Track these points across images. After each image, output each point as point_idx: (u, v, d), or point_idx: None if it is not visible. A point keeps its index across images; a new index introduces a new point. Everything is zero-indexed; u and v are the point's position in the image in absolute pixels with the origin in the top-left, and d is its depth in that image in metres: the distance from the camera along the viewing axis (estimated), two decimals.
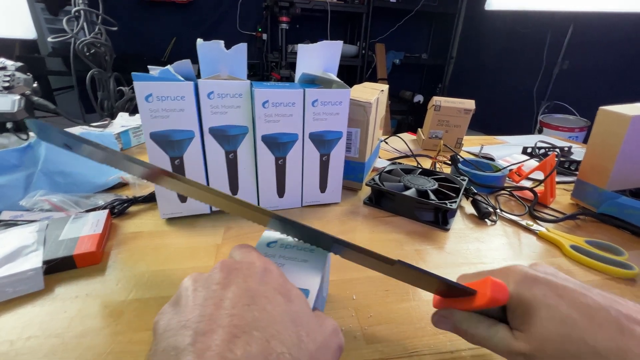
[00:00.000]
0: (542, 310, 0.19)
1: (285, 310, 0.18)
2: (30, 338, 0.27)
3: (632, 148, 0.47)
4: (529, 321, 0.20)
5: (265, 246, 0.27)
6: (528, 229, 0.47)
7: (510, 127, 2.10)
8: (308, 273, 0.25)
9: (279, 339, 0.16)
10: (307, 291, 0.23)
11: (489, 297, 0.20)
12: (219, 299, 0.17)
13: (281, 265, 0.25)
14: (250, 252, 0.23)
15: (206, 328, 0.15)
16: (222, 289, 0.18)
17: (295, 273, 0.24)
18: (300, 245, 0.27)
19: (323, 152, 0.47)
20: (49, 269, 0.33)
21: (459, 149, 0.81)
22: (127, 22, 2.09)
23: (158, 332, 0.17)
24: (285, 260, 0.26)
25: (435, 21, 2.84)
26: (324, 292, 0.28)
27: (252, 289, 0.18)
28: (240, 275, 0.19)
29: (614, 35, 1.67)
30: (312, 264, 0.25)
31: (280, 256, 0.26)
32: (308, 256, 0.26)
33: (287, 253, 0.26)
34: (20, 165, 0.47)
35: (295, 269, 0.25)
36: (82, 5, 0.87)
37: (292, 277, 0.23)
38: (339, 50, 0.46)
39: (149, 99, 0.37)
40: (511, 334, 0.20)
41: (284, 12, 2.02)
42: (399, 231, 0.45)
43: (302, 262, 0.25)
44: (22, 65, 0.67)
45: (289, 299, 0.19)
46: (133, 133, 0.72)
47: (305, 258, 0.26)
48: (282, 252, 0.27)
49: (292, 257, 0.26)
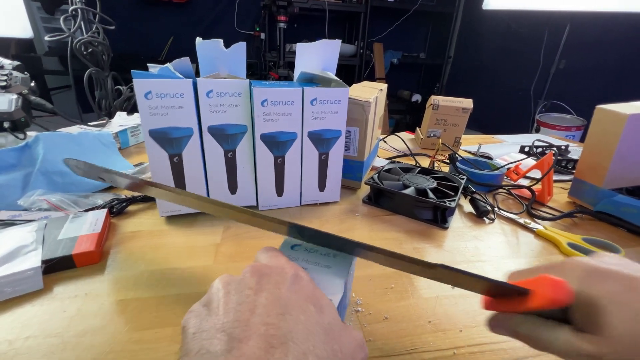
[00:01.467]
0: (614, 309, 0.17)
1: (318, 322, 0.17)
2: (29, 338, 0.27)
3: (628, 146, 0.48)
4: (599, 321, 0.17)
5: (289, 249, 0.26)
6: (526, 227, 0.48)
7: (507, 126, 2.10)
8: (331, 280, 0.24)
9: (314, 354, 0.15)
10: None
11: (549, 299, 0.18)
12: (252, 305, 0.17)
13: (305, 269, 0.24)
14: (278, 256, 0.22)
15: (242, 334, 0.15)
16: (255, 294, 0.18)
17: (318, 280, 0.23)
18: (324, 249, 0.26)
19: (322, 151, 0.47)
20: (47, 269, 0.33)
21: (457, 147, 0.81)
22: (124, 21, 2.07)
23: (189, 332, 0.16)
24: (308, 264, 0.25)
25: (433, 21, 2.85)
26: (346, 299, 0.27)
27: (284, 297, 0.18)
28: (272, 282, 0.19)
29: (610, 35, 1.68)
30: (336, 270, 0.24)
31: (304, 260, 0.25)
32: (331, 262, 0.25)
33: (311, 257, 0.25)
34: (17, 165, 0.47)
35: (318, 275, 0.24)
36: (79, 4, 0.87)
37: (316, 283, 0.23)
38: (337, 49, 0.46)
39: (148, 96, 0.37)
40: (577, 336, 0.18)
41: (282, 11, 2.02)
42: (398, 230, 0.45)
43: (325, 268, 0.25)
44: (20, 64, 0.67)
45: (320, 309, 0.18)
46: (131, 132, 0.72)
47: (328, 264, 0.25)
48: (306, 255, 0.26)
49: (315, 262, 0.25)
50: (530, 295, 0.19)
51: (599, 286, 0.18)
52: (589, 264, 0.20)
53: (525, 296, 0.20)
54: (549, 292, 0.18)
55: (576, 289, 0.19)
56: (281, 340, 0.15)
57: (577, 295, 0.19)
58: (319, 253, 0.26)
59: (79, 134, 0.56)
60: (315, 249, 0.26)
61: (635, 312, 0.17)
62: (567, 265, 0.20)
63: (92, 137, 0.58)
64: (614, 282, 0.18)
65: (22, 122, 0.62)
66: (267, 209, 0.49)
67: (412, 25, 2.74)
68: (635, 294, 0.17)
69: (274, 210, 0.49)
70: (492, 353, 0.27)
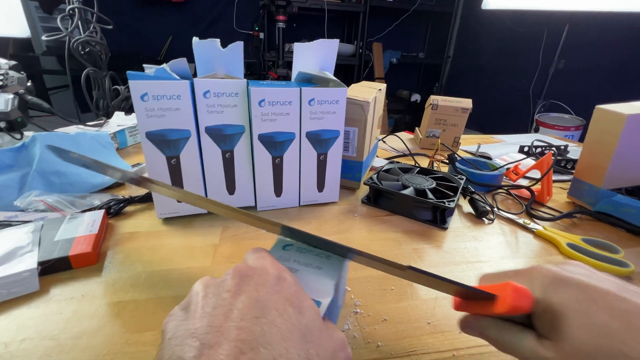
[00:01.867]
0: (573, 318, 0.17)
1: (294, 325, 0.17)
2: (25, 340, 0.27)
3: (627, 146, 0.48)
4: (558, 329, 0.18)
5: (280, 249, 0.26)
6: (525, 228, 0.47)
7: (506, 126, 2.11)
8: (321, 282, 0.23)
9: (286, 358, 0.15)
10: (318, 302, 0.22)
11: (509, 305, 0.19)
12: (228, 309, 0.17)
13: (295, 271, 0.24)
14: (264, 257, 0.22)
15: (213, 340, 0.15)
16: (233, 297, 0.18)
17: (308, 281, 0.23)
18: (317, 250, 0.26)
19: (320, 151, 0.47)
20: (44, 270, 0.32)
21: (457, 147, 0.81)
22: (122, 21, 2.07)
23: (166, 337, 0.17)
24: (299, 265, 0.24)
25: (432, 20, 2.84)
26: (339, 301, 0.27)
27: (263, 299, 0.18)
28: (252, 283, 0.19)
29: (609, 35, 1.68)
30: (327, 271, 0.24)
31: (295, 261, 0.25)
32: (323, 262, 0.25)
33: (302, 258, 0.25)
34: (14, 165, 0.47)
35: (308, 276, 0.23)
36: (77, 4, 0.86)
37: (305, 285, 0.22)
38: (335, 48, 0.46)
39: (145, 98, 0.37)
40: (539, 342, 0.18)
41: (281, 10, 2.02)
42: (397, 230, 0.45)
43: (316, 269, 0.24)
44: (16, 64, 0.66)
45: (300, 311, 0.18)
46: (129, 132, 0.72)
47: (320, 265, 0.25)
48: (297, 256, 0.25)
49: (306, 263, 0.25)
50: (495, 301, 0.20)
51: (561, 294, 0.18)
52: (553, 272, 0.20)
53: (492, 301, 0.20)
54: (511, 299, 0.19)
55: (538, 296, 0.19)
56: (251, 346, 0.15)
57: (540, 303, 0.19)
58: (311, 254, 0.26)
59: (76, 134, 0.55)
60: (307, 249, 0.26)
61: (595, 323, 0.17)
62: (533, 272, 0.21)
63: (89, 138, 0.58)
64: (576, 291, 0.18)
65: (19, 122, 0.61)
66: (265, 209, 0.48)
67: (411, 25, 2.74)
68: (595, 305, 0.17)
69: (272, 211, 0.48)
70: (491, 355, 0.27)
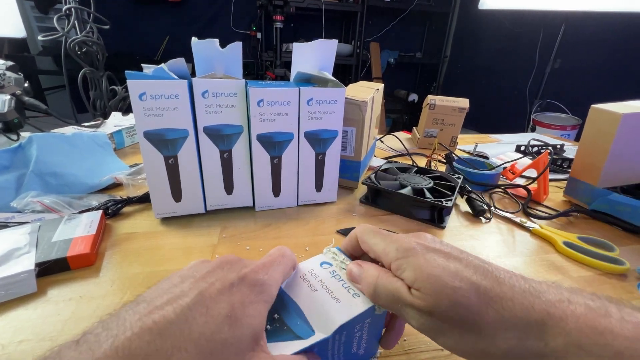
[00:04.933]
0: None
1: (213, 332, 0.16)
2: (23, 342, 0.26)
3: (623, 145, 0.48)
4: None
5: (318, 264, 0.25)
6: (522, 226, 0.48)
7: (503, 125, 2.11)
8: (327, 315, 0.20)
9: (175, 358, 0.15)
10: (308, 333, 0.20)
11: None
12: (171, 291, 0.17)
13: (313, 290, 0.22)
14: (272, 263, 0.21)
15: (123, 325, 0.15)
16: (190, 283, 0.18)
17: (316, 308, 0.21)
18: (348, 284, 0.23)
19: (319, 151, 0.47)
20: (41, 271, 0.32)
21: (454, 147, 0.81)
22: (119, 21, 2.06)
23: None
24: (321, 288, 0.22)
25: (430, 20, 2.85)
26: (354, 347, 0.23)
27: (206, 293, 0.17)
28: (218, 275, 0.19)
29: (605, 34, 1.69)
30: (342, 308, 0.21)
31: (320, 281, 0.23)
32: (346, 298, 0.22)
33: (330, 282, 0.23)
34: (10, 166, 0.47)
35: (321, 303, 0.21)
36: (73, 4, 0.86)
37: (310, 310, 0.21)
38: (334, 49, 0.46)
39: (143, 98, 0.37)
40: None
41: (278, 10, 2.02)
42: (395, 229, 0.45)
43: (333, 300, 0.22)
44: (13, 64, 0.66)
45: (232, 322, 0.17)
46: (126, 133, 0.72)
47: (341, 298, 0.22)
48: (326, 278, 0.23)
49: (329, 290, 0.22)
50: None
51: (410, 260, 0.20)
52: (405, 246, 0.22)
53: None
54: None
55: None
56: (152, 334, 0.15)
57: None
58: (341, 283, 0.23)
59: (73, 135, 0.55)
60: (341, 278, 0.24)
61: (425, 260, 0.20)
62: None
63: (86, 138, 0.57)
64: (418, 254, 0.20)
65: (16, 123, 0.61)
66: (263, 209, 0.48)
67: (408, 25, 2.75)
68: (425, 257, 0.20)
69: (270, 211, 0.48)
70: None
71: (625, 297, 0.35)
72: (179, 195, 0.43)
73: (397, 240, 0.22)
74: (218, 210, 0.47)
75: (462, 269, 0.19)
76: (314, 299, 0.22)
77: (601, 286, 0.36)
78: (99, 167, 0.54)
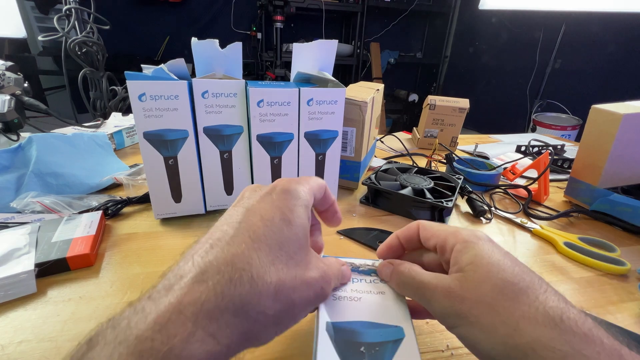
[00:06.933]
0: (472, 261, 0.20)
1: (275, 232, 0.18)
2: (22, 342, 0.26)
3: (623, 146, 0.48)
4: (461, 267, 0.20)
5: None
6: (522, 227, 0.48)
7: (504, 125, 2.11)
8: (392, 306, 0.22)
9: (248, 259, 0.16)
10: (399, 328, 0.21)
11: None
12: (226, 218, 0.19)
13: (357, 300, 0.23)
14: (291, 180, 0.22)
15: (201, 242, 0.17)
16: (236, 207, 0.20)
17: (378, 307, 0.22)
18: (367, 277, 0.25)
19: (319, 151, 0.47)
20: (41, 272, 0.32)
21: (454, 147, 0.81)
22: (119, 21, 2.05)
23: None
24: (360, 294, 0.23)
25: (430, 20, 2.85)
26: None
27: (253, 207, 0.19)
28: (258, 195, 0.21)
29: (605, 35, 1.69)
30: (392, 294, 0.23)
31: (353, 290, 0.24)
32: (382, 287, 0.24)
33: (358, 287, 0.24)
34: (10, 167, 0.47)
35: (376, 302, 0.22)
36: (74, 4, 0.86)
37: (375, 312, 0.22)
38: (334, 49, 0.46)
39: (142, 98, 0.37)
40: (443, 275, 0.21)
41: (278, 11, 2.02)
42: (395, 230, 0.45)
43: (380, 295, 0.23)
44: (13, 64, 0.66)
45: (287, 222, 0.19)
46: (126, 133, 0.72)
47: (382, 290, 0.24)
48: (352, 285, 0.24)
49: (366, 291, 0.23)
50: None
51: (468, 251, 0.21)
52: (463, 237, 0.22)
53: None
54: None
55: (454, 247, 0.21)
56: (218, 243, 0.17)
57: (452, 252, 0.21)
58: (363, 282, 0.24)
59: (73, 135, 0.55)
60: (358, 278, 0.25)
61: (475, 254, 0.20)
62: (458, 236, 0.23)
63: (86, 138, 0.57)
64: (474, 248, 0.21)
65: (16, 123, 0.61)
66: None
67: (408, 25, 2.75)
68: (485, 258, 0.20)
69: None
70: None
71: (626, 298, 0.35)
72: (179, 196, 0.43)
73: (461, 229, 0.22)
74: (218, 211, 0.47)
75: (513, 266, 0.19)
76: (369, 305, 0.22)
77: (602, 287, 0.36)
78: (99, 167, 0.54)
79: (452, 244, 0.21)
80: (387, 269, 0.24)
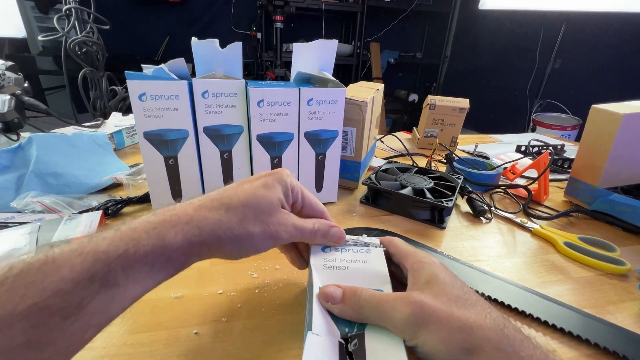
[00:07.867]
0: None
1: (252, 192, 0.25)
2: None
3: (623, 146, 0.48)
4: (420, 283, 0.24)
5: (321, 251, 0.28)
6: (522, 227, 0.48)
7: (504, 125, 2.12)
8: (375, 272, 0.25)
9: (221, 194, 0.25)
10: (380, 291, 0.23)
11: None
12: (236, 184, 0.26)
13: (344, 269, 0.26)
14: None
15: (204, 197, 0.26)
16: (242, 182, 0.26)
17: (363, 275, 0.25)
18: (354, 247, 0.28)
19: (319, 151, 0.47)
20: None
21: (454, 147, 0.81)
22: (119, 21, 2.05)
23: None
24: (347, 263, 0.26)
25: (430, 20, 2.85)
26: None
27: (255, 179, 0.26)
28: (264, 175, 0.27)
29: (605, 35, 1.69)
30: (375, 263, 0.26)
31: (341, 260, 0.26)
32: (367, 256, 0.27)
33: (345, 256, 0.27)
34: (10, 166, 0.47)
35: (361, 270, 0.26)
36: (74, 4, 0.86)
37: (361, 279, 0.24)
38: (334, 49, 0.46)
39: (143, 98, 0.37)
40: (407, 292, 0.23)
41: (278, 11, 2.01)
42: (395, 229, 0.45)
43: (364, 264, 0.26)
44: (13, 64, 0.66)
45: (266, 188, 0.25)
46: (126, 133, 0.72)
47: (365, 259, 0.26)
48: (340, 255, 0.27)
49: (353, 260, 0.26)
50: None
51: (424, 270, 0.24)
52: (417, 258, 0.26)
53: None
54: None
55: None
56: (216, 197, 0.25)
57: None
58: (351, 251, 0.27)
59: (73, 135, 0.55)
60: (345, 248, 0.28)
61: None
62: None
63: (86, 138, 0.57)
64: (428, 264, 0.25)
65: (16, 123, 0.61)
66: None
67: (408, 25, 2.75)
68: None
69: None
70: None
71: (626, 298, 0.35)
72: (179, 196, 0.43)
73: (419, 251, 0.26)
74: None
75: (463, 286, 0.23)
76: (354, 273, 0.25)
77: (602, 287, 0.36)
78: (99, 167, 0.54)
79: (411, 263, 0.25)
80: (337, 291, 0.24)
